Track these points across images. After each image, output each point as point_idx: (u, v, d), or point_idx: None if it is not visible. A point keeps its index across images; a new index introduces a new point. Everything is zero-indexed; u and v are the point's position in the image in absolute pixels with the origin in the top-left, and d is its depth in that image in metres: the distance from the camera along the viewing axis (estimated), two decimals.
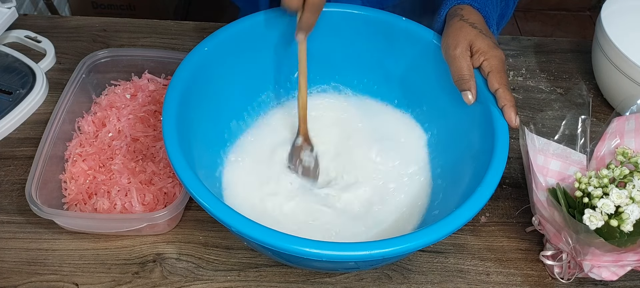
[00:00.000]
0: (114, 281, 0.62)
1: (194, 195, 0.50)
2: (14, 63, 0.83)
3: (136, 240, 0.65)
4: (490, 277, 0.65)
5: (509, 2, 0.76)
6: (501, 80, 0.59)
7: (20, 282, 0.62)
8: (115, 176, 0.68)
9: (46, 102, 0.81)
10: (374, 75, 0.74)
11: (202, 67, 0.63)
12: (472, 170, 0.59)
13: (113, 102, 0.76)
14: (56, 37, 0.89)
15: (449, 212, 0.51)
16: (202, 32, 0.94)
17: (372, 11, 0.70)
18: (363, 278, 0.64)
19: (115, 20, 0.95)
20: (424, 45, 0.68)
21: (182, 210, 0.66)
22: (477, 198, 0.52)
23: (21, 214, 0.67)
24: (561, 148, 0.63)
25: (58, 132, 0.70)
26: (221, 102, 0.68)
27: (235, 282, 0.63)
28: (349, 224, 0.63)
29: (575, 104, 0.67)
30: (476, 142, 0.61)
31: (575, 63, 0.93)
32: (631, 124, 0.64)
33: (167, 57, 0.80)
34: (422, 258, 0.66)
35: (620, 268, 0.58)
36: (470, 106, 0.61)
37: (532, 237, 0.68)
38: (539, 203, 0.60)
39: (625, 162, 0.60)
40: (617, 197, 0.55)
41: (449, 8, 0.66)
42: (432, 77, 0.68)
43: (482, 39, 0.61)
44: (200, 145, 0.63)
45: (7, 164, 0.73)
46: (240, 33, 0.67)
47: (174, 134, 0.55)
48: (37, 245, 0.65)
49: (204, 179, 0.52)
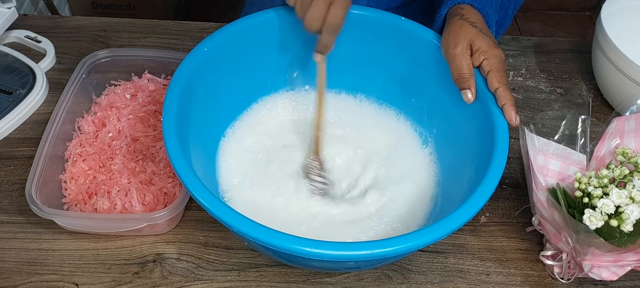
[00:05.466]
0: (114, 281, 0.62)
1: (194, 195, 0.50)
2: (14, 63, 0.83)
3: (136, 240, 0.65)
4: (490, 277, 0.65)
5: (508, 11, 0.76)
6: (501, 80, 0.59)
7: (20, 282, 0.62)
8: (115, 176, 0.68)
9: (46, 102, 0.81)
10: (373, 75, 0.74)
11: (202, 67, 0.63)
12: (472, 169, 0.59)
13: (113, 102, 0.76)
14: (56, 37, 0.89)
15: (449, 211, 0.51)
16: (202, 32, 0.94)
17: (372, 11, 0.70)
18: (363, 278, 0.64)
19: (115, 20, 0.95)
20: (423, 45, 0.68)
21: (182, 210, 0.66)
22: (477, 198, 0.52)
23: (21, 214, 0.67)
24: (561, 148, 0.63)
25: (58, 132, 0.70)
26: (221, 102, 0.68)
27: (235, 282, 0.63)
28: (349, 225, 0.63)
29: (575, 104, 0.67)
30: (476, 142, 0.61)
31: (575, 63, 0.93)
32: (631, 124, 0.64)
33: (167, 57, 0.80)
34: (422, 258, 0.66)
35: (620, 268, 0.58)
36: (470, 105, 0.61)
37: (532, 237, 0.68)
38: (539, 203, 0.60)
39: (625, 162, 0.60)
40: (617, 197, 0.55)
41: (449, 7, 0.66)
42: (432, 77, 0.68)
43: (482, 38, 0.61)
44: (201, 145, 0.63)
45: (7, 164, 0.73)
46: (240, 33, 0.67)
47: (174, 134, 0.55)
48: (37, 245, 0.65)
49: (204, 179, 0.52)
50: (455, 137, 0.67)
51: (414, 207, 0.65)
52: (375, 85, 0.75)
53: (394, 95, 0.74)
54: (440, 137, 0.70)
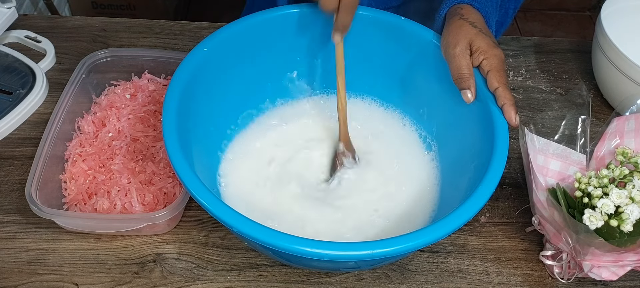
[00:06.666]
0: (114, 281, 0.62)
1: (194, 195, 0.50)
2: (14, 63, 0.83)
3: (136, 240, 0.65)
4: (490, 277, 0.65)
5: (508, 11, 0.76)
6: (501, 79, 0.59)
7: (20, 282, 0.62)
8: (115, 176, 0.68)
9: (46, 102, 0.81)
10: (372, 75, 0.74)
11: (202, 67, 0.63)
12: (472, 169, 0.59)
13: (113, 102, 0.76)
14: (56, 37, 0.89)
15: (449, 211, 0.51)
16: (202, 32, 0.94)
17: (372, 11, 0.70)
18: (363, 278, 0.64)
19: (115, 20, 0.95)
20: (423, 45, 0.68)
21: (182, 210, 0.66)
22: (477, 198, 0.52)
23: (21, 214, 0.67)
24: (561, 148, 0.63)
25: (58, 132, 0.70)
26: (221, 101, 0.68)
27: (235, 282, 0.63)
28: (350, 224, 0.63)
29: (575, 104, 0.67)
30: (476, 142, 0.61)
31: (575, 63, 0.93)
32: (631, 124, 0.64)
33: (167, 57, 0.80)
34: (422, 258, 0.66)
35: (620, 268, 0.58)
36: (469, 105, 0.61)
37: (532, 237, 0.68)
38: (539, 203, 0.60)
39: (625, 162, 0.60)
40: (617, 197, 0.55)
41: (449, 7, 0.66)
42: (432, 77, 0.68)
43: (482, 38, 0.61)
44: (201, 145, 0.63)
45: (7, 164, 0.73)
46: (240, 33, 0.67)
47: (174, 134, 0.55)
48: (37, 245, 0.65)
49: (204, 179, 0.52)
50: (455, 137, 0.67)
51: (414, 207, 0.65)
52: (374, 85, 0.75)
53: (394, 95, 0.74)
54: (440, 136, 0.70)
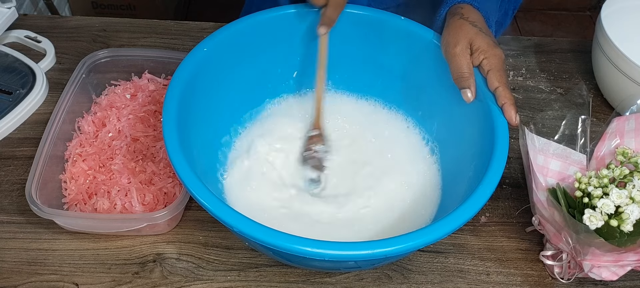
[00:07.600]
0: (114, 281, 0.62)
1: (195, 195, 0.50)
2: (14, 63, 0.83)
3: (136, 240, 0.65)
4: (490, 277, 0.65)
5: (508, 11, 0.76)
6: (501, 79, 0.59)
7: (20, 282, 0.62)
8: (115, 176, 0.68)
9: (46, 102, 0.81)
10: (372, 75, 0.74)
11: (202, 67, 0.63)
12: (472, 169, 0.59)
13: (113, 102, 0.76)
14: (56, 37, 0.89)
15: (449, 211, 0.51)
16: (202, 32, 0.94)
17: (371, 11, 0.70)
18: (363, 278, 0.64)
19: (115, 20, 0.95)
20: (423, 45, 0.68)
21: (182, 210, 0.66)
22: (477, 198, 0.52)
23: (21, 214, 0.67)
24: (561, 148, 0.63)
25: (58, 132, 0.70)
26: (221, 101, 0.68)
27: (235, 282, 0.63)
28: (350, 224, 0.63)
29: (575, 104, 0.67)
30: (476, 141, 0.61)
31: (575, 63, 0.93)
32: (631, 124, 0.64)
33: (167, 57, 0.80)
34: (422, 258, 0.66)
35: (620, 268, 0.58)
36: (469, 105, 0.61)
37: (532, 237, 0.68)
38: (539, 203, 0.60)
39: (625, 162, 0.60)
40: (617, 197, 0.55)
41: (449, 7, 0.66)
42: (432, 76, 0.68)
43: (482, 38, 0.61)
44: (201, 145, 0.63)
45: (7, 164, 0.73)
46: (240, 33, 0.67)
47: (174, 134, 0.55)
48: (37, 245, 0.65)
49: (204, 179, 0.52)
50: (455, 136, 0.67)
51: (414, 207, 0.65)
52: (374, 84, 0.75)
53: (394, 94, 0.74)
54: (440, 136, 0.70)
